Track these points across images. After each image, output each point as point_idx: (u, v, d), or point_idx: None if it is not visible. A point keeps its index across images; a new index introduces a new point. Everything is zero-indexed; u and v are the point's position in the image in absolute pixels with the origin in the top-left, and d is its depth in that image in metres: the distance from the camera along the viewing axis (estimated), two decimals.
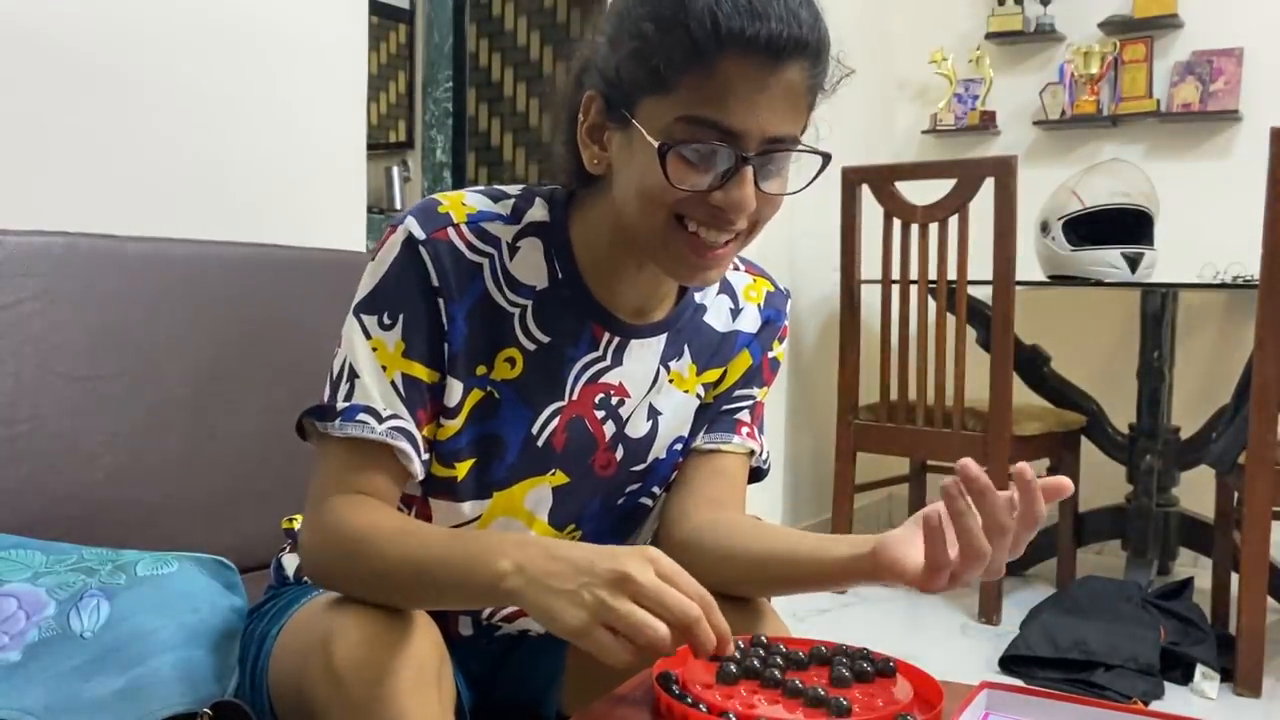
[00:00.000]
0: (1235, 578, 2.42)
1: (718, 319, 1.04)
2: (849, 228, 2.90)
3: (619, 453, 1.00)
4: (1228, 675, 2.30)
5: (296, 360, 1.40)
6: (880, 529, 0.87)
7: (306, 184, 1.70)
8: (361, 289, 0.91)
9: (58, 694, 0.91)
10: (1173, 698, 2.22)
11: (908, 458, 3.25)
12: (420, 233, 0.89)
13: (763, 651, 0.83)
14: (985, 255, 2.66)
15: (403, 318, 0.89)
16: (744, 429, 1.06)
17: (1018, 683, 1.49)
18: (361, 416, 0.87)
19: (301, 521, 0.89)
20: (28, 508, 1.13)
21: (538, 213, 0.95)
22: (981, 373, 2.71)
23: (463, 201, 0.93)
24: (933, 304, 2.78)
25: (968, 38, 3.62)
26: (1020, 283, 2.71)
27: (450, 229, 0.90)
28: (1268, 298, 2.22)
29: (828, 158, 0.87)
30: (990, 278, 2.67)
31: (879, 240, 2.84)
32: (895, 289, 2.83)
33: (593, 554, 0.75)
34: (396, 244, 0.90)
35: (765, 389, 1.09)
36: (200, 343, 1.32)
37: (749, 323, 1.06)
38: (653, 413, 1.01)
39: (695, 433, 1.06)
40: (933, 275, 2.76)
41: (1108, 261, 2.82)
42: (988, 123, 3.57)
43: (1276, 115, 3.13)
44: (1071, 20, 3.45)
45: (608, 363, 0.97)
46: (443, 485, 0.96)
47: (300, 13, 1.67)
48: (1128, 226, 2.84)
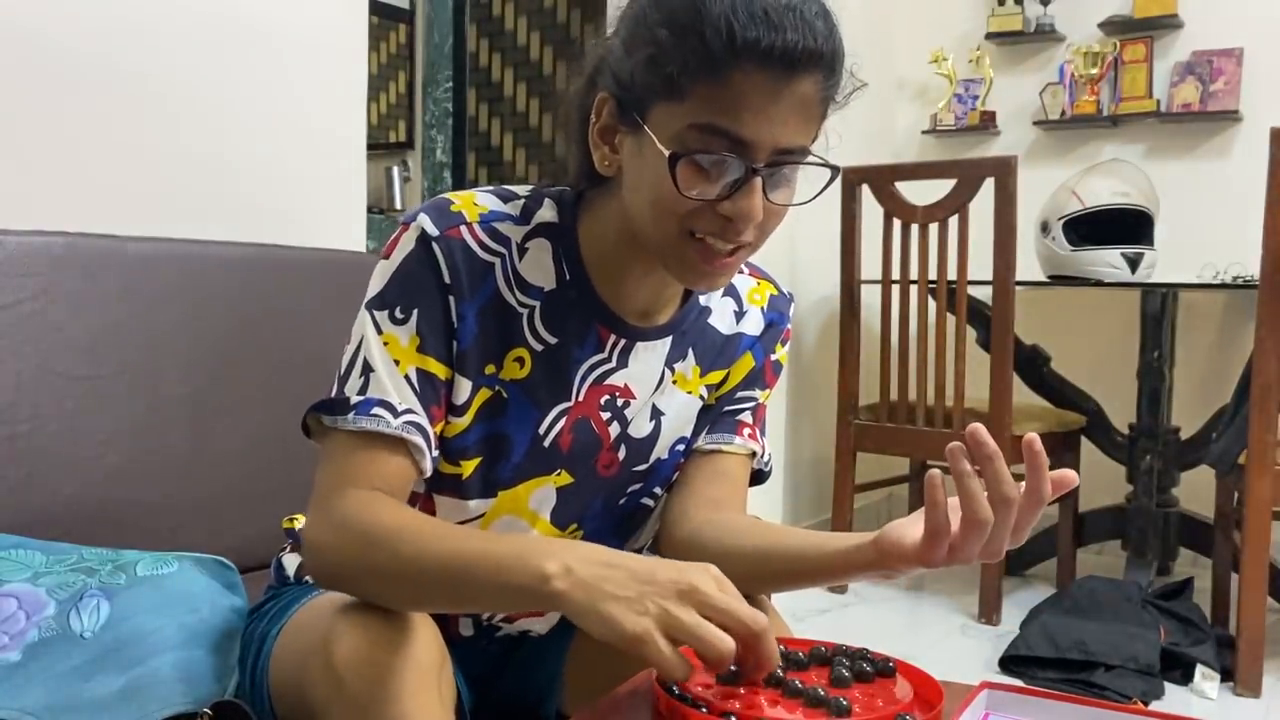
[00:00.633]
0: (1235, 578, 2.42)
1: (722, 321, 1.05)
2: (849, 228, 2.90)
3: (621, 453, 1.00)
4: (1228, 675, 2.30)
5: (297, 360, 1.40)
6: (879, 529, 0.87)
7: (306, 184, 1.70)
8: (373, 285, 0.90)
9: (58, 694, 0.91)
10: (1173, 698, 2.22)
11: (908, 458, 3.25)
12: (434, 229, 0.89)
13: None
14: (985, 255, 2.66)
15: (417, 312, 0.88)
16: (745, 430, 1.06)
17: (1018, 683, 1.49)
18: (377, 410, 0.86)
19: (307, 518, 0.88)
20: (28, 508, 1.13)
21: (546, 214, 0.95)
22: (981, 373, 2.71)
23: (474, 201, 0.93)
24: (933, 304, 2.78)
25: (968, 38, 3.62)
26: (1020, 283, 2.71)
27: (463, 227, 0.90)
28: (1268, 298, 2.21)
29: (836, 171, 0.87)
30: (990, 278, 2.67)
31: (879, 240, 2.84)
32: (895, 289, 2.83)
33: (651, 563, 0.74)
34: (410, 240, 0.89)
35: (767, 391, 1.09)
36: (200, 343, 1.32)
37: (752, 325, 1.06)
38: (655, 413, 1.01)
39: (697, 434, 1.06)
40: (933, 275, 2.76)
41: (1108, 261, 2.82)
42: (988, 123, 3.57)
43: (1276, 115, 3.13)
44: (1071, 20, 3.45)
45: (613, 364, 0.97)
46: (448, 482, 0.96)
47: (300, 13, 1.67)
48: (1128, 226, 2.84)
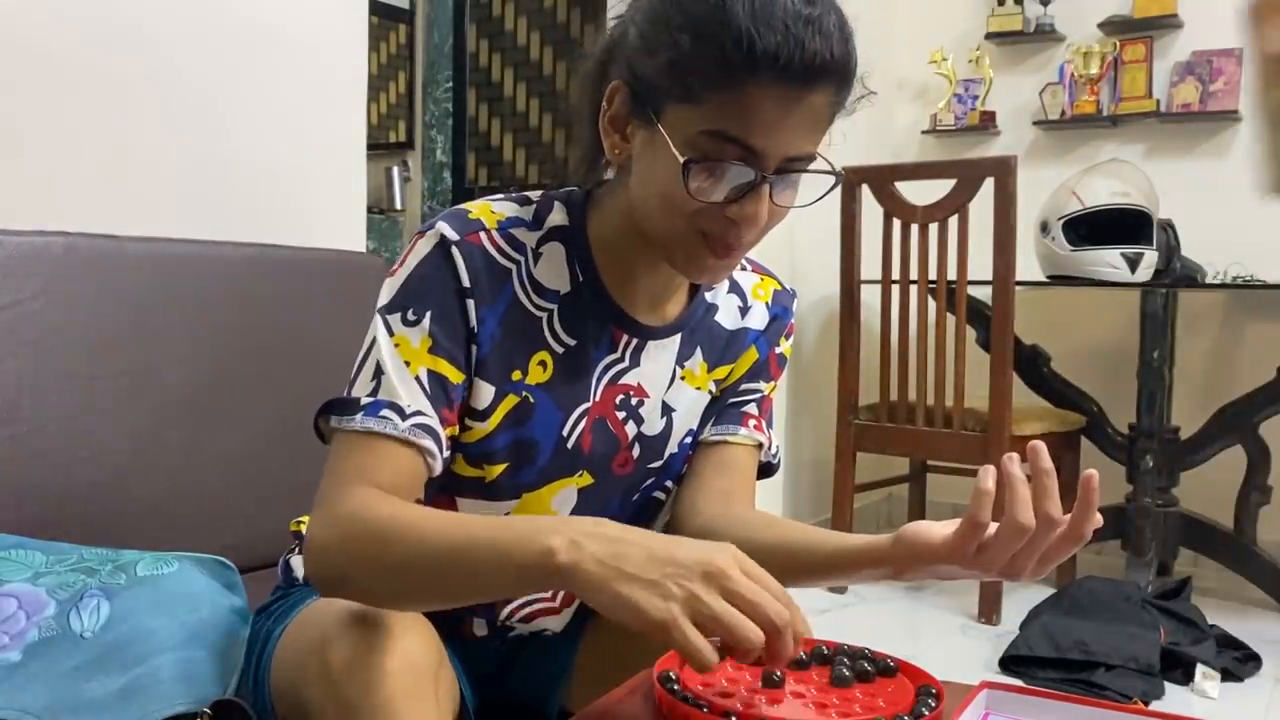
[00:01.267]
0: None
1: (727, 317, 1.06)
2: (849, 228, 2.90)
3: (636, 451, 1.01)
4: (1228, 675, 2.30)
5: (297, 360, 1.40)
6: (880, 529, 0.88)
7: (306, 184, 1.70)
8: (386, 290, 0.90)
9: (58, 694, 0.91)
10: (1173, 698, 2.22)
11: (908, 458, 3.24)
12: (454, 234, 0.89)
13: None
14: (985, 255, 2.66)
15: (429, 314, 0.88)
16: (751, 421, 1.07)
17: (1018, 683, 1.49)
18: (385, 412, 0.86)
19: (310, 520, 0.86)
20: (28, 508, 1.13)
21: (557, 217, 0.96)
22: (981, 373, 2.71)
23: (491, 209, 0.93)
24: (933, 304, 2.78)
25: (968, 38, 3.62)
26: (1020, 283, 2.71)
27: (483, 233, 0.91)
28: None
29: (840, 177, 0.88)
30: (990, 278, 2.67)
31: (879, 240, 2.84)
32: (895, 289, 2.83)
33: (668, 540, 0.72)
34: (428, 245, 0.89)
35: (773, 384, 1.10)
36: (200, 343, 1.32)
37: (757, 320, 1.08)
38: (666, 409, 1.02)
39: (704, 425, 1.07)
40: (933, 275, 2.76)
41: (1108, 261, 2.82)
42: (987, 123, 3.57)
43: None
44: (1071, 20, 3.45)
45: (626, 364, 0.99)
46: (470, 485, 0.96)
47: (300, 13, 1.67)
48: (1128, 226, 2.84)
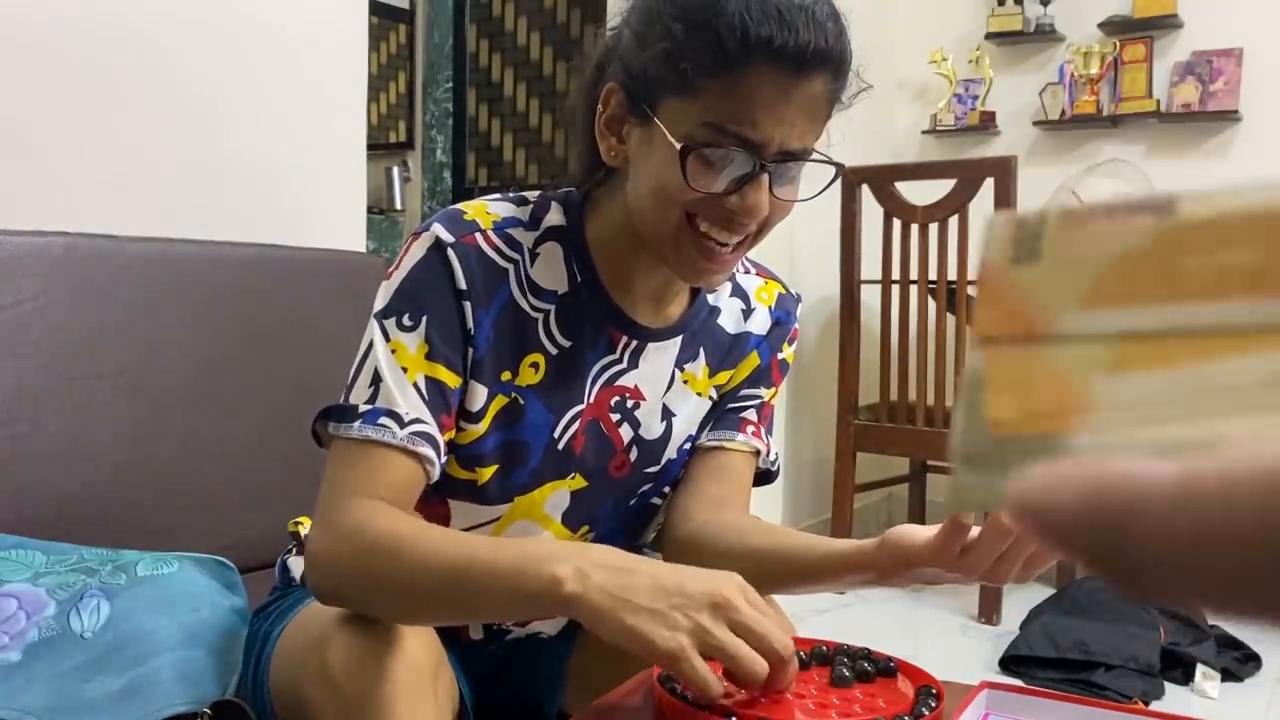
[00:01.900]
0: None
1: (729, 321, 1.05)
2: (849, 228, 2.90)
3: (633, 455, 1.01)
4: (1228, 675, 2.30)
5: (297, 360, 1.40)
6: (880, 529, 0.87)
7: (306, 184, 1.70)
8: (382, 294, 0.89)
9: (58, 694, 0.91)
10: (1173, 698, 2.22)
11: (908, 458, 3.25)
12: (449, 236, 0.88)
13: None
14: None
15: (425, 319, 0.87)
16: (749, 427, 1.06)
17: (1018, 683, 1.49)
18: (384, 420, 0.85)
19: (310, 530, 0.86)
20: (28, 508, 1.13)
21: (554, 217, 0.95)
22: None
23: (487, 210, 0.92)
24: (933, 304, 2.78)
25: (968, 38, 3.62)
26: None
27: (478, 234, 0.90)
28: None
29: (840, 168, 0.87)
30: None
31: (879, 240, 2.84)
32: (895, 289, 2.83)
33: (674, 570, 0.73)
34: (422, 248, 0.88)
35: (773, 390, 1.09)
36: (200, 343, 1.32)
37: (759, 324, 1.06)
38: (666, 414, 1.01)
39: (702, 430, 1.06)
40: (933, 275, 2.76)
41: None
42: (987, 123, 3.57)
43: (1276, 115, 3.13)
44: (1071, 20, 3.45)
45: (624, 365, 0.97)
46: (463, 488, 0.95)
47: (300, 13, 1.67)
48: None
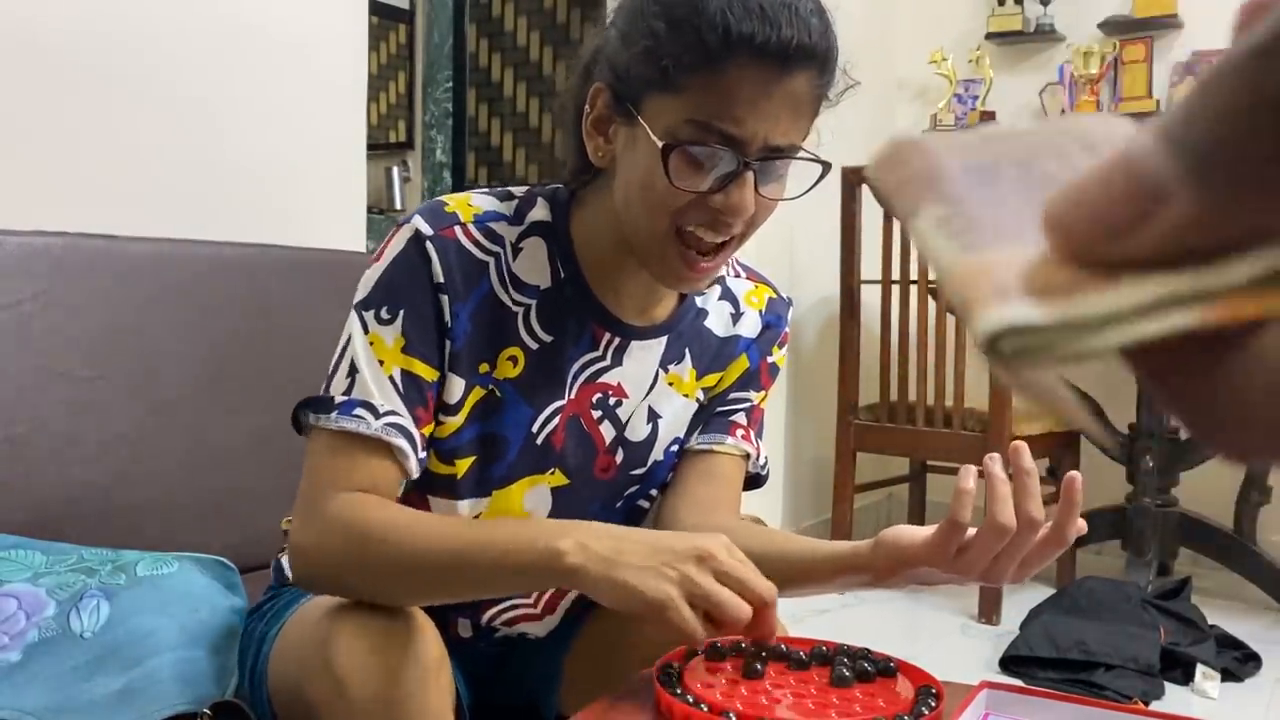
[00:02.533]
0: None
1: (718, 324, 1.04)
2: (849, 228, 2.90)
3: (619, 456, 1.00)
4: (1228, 675, 2.30)
5: (296, 360, 1.40)
6: (880, 529, 0.87)
7: (306, 184, 1.70)
8: (362, 285, 0.90)
9: (58, 694, 0.91)
10: (1173, 698, 2.22)
11: (908, 458, 3.24)
12: (428, 229, 0.89)
13: (763, 652, 0.83)
14: None
15: (403, 313, 0.88)
16: (739, 431, 1.06)
17: (1018, 683, 1.49)
18: (359, 411, 0.86)
19: (293, 523, 0.87)
20: (28, 508, 1.13)
21: (540, 213, 0.95)
22: (981, 373, 2.71)
23: (469, 202, 0.93)
24: (933, 304, 2.78)
25: (968, 38, 3.62)
26: None
27: (457, 227, 0.90)
28: None
29: (827, 166, 0.87)
30: None
31: (879, 240, 2.84)
32: (895, 289, 2.83)
33: (663, 534, 0.79)
34: (402, 240, 0.89)
35: (763, 394, 1.08)
36: (200, 343, 1.32)
37: (749, 328, 1.06)
38: (652, 416, 1.01)
39: (690, 434, 1.05)
40: (933, 275, 2.75)
41: None
42: (988, 123, 3.57)
43: None
44: (1071, 20, 3.44)
45: (607, 363, 0.97)
46: (442, 483, 0.95)
47: (300, 13, 1.67)
48: None
